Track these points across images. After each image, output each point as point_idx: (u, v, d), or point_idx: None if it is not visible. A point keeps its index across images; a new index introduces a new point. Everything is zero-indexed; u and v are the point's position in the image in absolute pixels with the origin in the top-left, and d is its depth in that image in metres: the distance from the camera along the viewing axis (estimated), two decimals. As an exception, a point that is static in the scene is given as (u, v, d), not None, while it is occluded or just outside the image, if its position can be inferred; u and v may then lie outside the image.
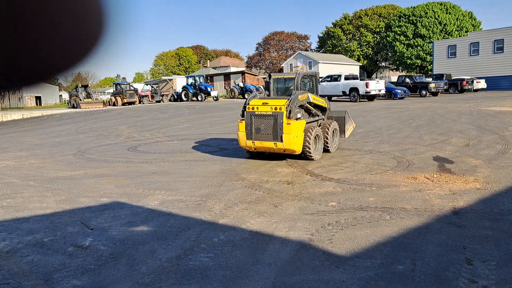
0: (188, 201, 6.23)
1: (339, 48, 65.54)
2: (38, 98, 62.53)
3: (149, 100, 40.72)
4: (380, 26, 62.18)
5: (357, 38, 64.64)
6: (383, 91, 28.86)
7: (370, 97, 28.81)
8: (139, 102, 39.19)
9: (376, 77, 65.27)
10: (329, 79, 29.53)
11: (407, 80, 33.52)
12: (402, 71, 59.27)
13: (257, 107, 8.97)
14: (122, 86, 39.19)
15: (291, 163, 8.92)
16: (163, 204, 6.13)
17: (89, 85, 41.28)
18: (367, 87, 27.50)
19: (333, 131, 10.15)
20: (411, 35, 52.30)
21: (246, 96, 41.01)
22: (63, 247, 4.61)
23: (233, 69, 64.96)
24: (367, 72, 66.50)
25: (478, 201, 5.73)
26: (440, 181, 6.96)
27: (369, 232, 4.69)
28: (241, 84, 43.23)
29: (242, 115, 9.27)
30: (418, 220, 5.04)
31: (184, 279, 3.73)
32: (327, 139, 9.82)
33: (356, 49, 64.09)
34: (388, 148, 10.30)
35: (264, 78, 55.39)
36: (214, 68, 70.10)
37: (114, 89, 39.93)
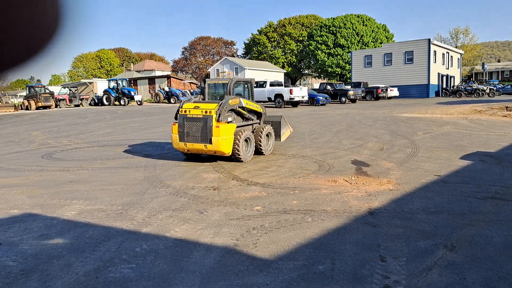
0: (109, 210, 5.95)
1: (265, 55, 67.05)
2: None
3: (66, 104, 38.42)
4: (303, 35, 64.68)
5: (282, 46, 66.62)
6: (306, 98, 30.03)
7: (294, 103, 29.80)
8: (56, 106, 36.83)
9: (300, 84, 67.69)
10: (255, 85, 30.11)
11: (328, 87, 35.23)
12: (323, 79, 62.06)
13: (189, 110, 9.22)
14: (36, 89, 36.48)
15: (218, 168, 8.91)
16: (81, 215, 5.79)
17: (-2, 87, 38.00)
18: (291, 93, 28.43)
19: (267, 134, 10.40)
20: (332, 45, 55.03)
21: (172, 101, 40.30)
22: (-37, 266, 4.16)
23: (158, 73, 63.49)
24: (291, 79, 68.72)
25: (391, 201, 6.15)
26: (358, 183, 7.37)
27: (292, 235, 4.83)
28: (167, 88, 42.39)
29: (176, 118, 9.47)
30: (337, 221, 5.28)
31: (103, 293, 3.55)
32: (260, 142, 10.09)
33: (281, 57, 65.99)
34: (311, 153, 10.70)
35: (190, 82, 54.84)
36: (138, 71, 67.90)
37: (27, 92, 37.06)
